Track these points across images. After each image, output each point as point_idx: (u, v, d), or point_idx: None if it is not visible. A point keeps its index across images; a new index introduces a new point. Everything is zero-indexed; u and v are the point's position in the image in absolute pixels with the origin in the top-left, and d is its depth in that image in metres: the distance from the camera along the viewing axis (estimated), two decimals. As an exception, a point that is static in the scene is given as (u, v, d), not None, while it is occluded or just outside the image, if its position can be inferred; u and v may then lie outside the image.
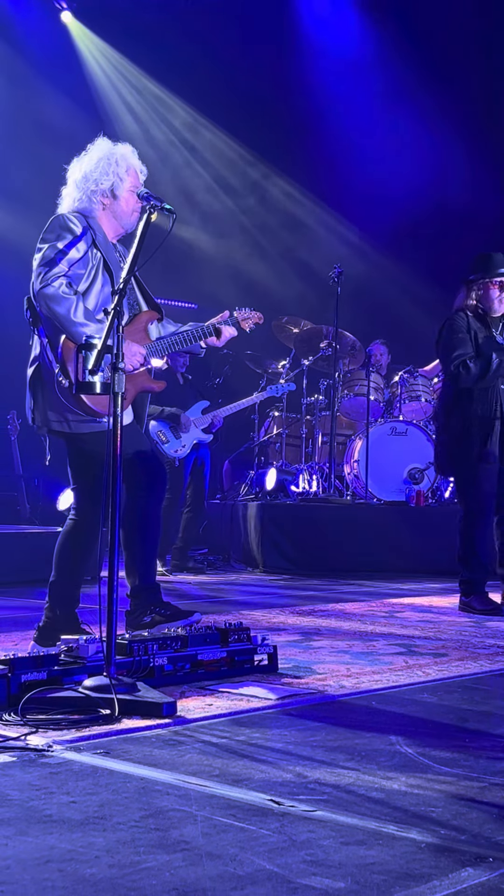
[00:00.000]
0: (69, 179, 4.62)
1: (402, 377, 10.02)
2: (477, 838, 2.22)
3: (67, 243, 4.35)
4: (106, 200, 4.54)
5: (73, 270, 4.35)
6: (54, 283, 4.27)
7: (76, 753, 2.84)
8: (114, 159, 4.54)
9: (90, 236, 4.43)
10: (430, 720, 3.33)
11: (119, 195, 4.54)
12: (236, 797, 2.47)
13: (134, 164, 4.58)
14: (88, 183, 4.52)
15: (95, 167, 4.53)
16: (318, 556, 8.99)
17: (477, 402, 6.08)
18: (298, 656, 4.45)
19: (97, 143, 4.63)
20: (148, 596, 4.50)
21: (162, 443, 8.36)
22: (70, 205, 4.56)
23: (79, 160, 4.62)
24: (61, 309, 4.25)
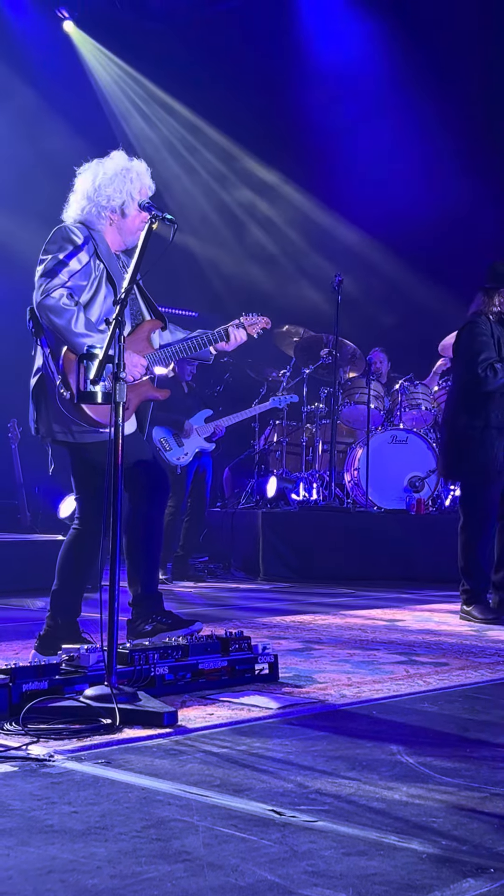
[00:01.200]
0: (78, 187, 4.59)
1: (402, 385, 10.03)
2: (478, 849, 2.22)
3: (69, 254, 4.36)
4: (114, 216, 4.55)
5: (75, 281, 4.35)
6: (54, 294, 4.28)
7: (77, 763, 2.84)
8: (129, 177, 4.52)
9: (93, 247, 4.43)
10: (431, 730, 3.33)
11: (128, 214, 4.54)
12: (237, 807, 2.47)
13: (146, 184, 4.58)
14: (100, 197, 4.51)
15: (109, 182, 4.51)
16: (319, 564, 8.99)
17: (494, 408, 6.08)
18: (299, 665, 4.45)
19: (114, 156, 4.60)
20: (150, 604, 4.50)
21: (165, 450, 8.36)
22: (76, 213, 4.56)
23: (90, 169, 4.59)
24: (61, 320, 4.26)
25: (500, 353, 6.04)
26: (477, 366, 6.02)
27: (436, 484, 9.60)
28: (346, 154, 12.41)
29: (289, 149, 13.10)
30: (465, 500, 6.31)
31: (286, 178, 13.27)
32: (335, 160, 12.56)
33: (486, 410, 6.08)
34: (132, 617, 4.51)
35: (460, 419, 6.22)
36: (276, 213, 13.46)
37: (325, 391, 10.19)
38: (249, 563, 9.27)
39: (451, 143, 11.80)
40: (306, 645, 5.06)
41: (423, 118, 12.04)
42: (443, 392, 10.16)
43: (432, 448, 9.60)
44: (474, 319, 6.18)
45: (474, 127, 11.79)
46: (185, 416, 8.56)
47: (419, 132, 12.09)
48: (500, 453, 6.06)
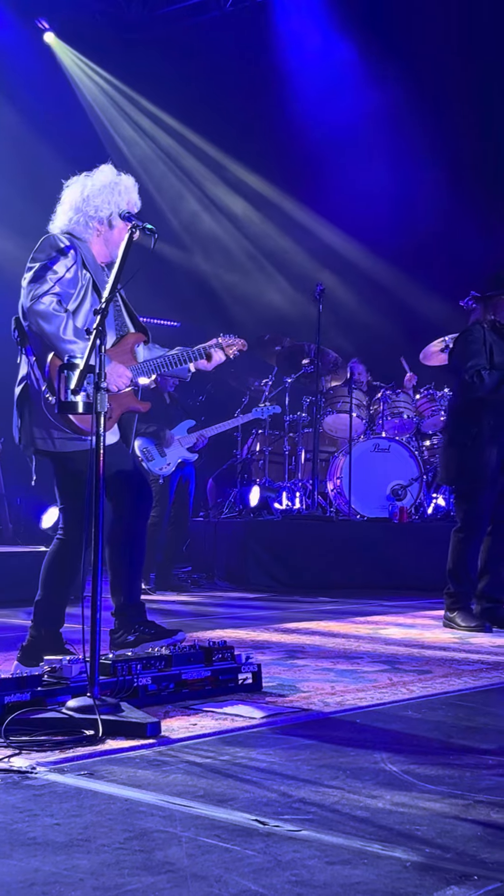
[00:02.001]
0: (66, 198, 4.62)
1: (384, 394, 10.05)
2: (462, 856, 2.22)
3: (57, 262, 4.37)
4: (101, 228, 4.57)
5: (63, 289, 4.37)
6: (44, 301, 4.29)
7: (60, 775, 2.83)
8: (117, 190, 4.56)
9: (79, 257, 4.45)
10: (415, 737, 3.33)
11: (115, 225, 4.57)
12: (221, 817, 2.47)
13: (133, 199, 4.61)
14: (88, 207, 4.54)
15: (98, 193, 4.54)
16: (302, 573, 8.99)
17: (488, 413, 6.11)
18: (283, 674, 4.44)
19: (103, 169, 4.64)
20: (132, 614, 4.49)
21: (147, 460, 8.35)
22: (63, 223, 4.58)
23: (79, 181, 4.62)
24: (51, 327, 4.27)
25: (491, 360, 6.07)
26: (465, 372, 6.06)
27: (418, 492, 9.62)
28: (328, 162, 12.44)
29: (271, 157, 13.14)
30: (459, 505, 6.34)
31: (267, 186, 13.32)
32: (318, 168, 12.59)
33: (480, 417, 6.11)
34: (115, 627, 4.50)
35: (455, 426, 6.27)
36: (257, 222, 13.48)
37: (308, 400, 10.20)
38: (233, 572, 9.27)
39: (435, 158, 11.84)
40: (290, 654, 5.06)
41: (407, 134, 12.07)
42: (424, 400, 10.20)
43: (414, 456, 9.62)
44: (469, 328, 6.26)
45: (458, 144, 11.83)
46: (166, 427, 8.55)
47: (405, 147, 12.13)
48: (492, 460, 6.08)
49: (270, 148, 13.13)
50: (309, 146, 12.55)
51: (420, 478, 9.60)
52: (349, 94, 12.29)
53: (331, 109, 12.35)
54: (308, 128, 12.52)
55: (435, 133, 11.85)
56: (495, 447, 6.08)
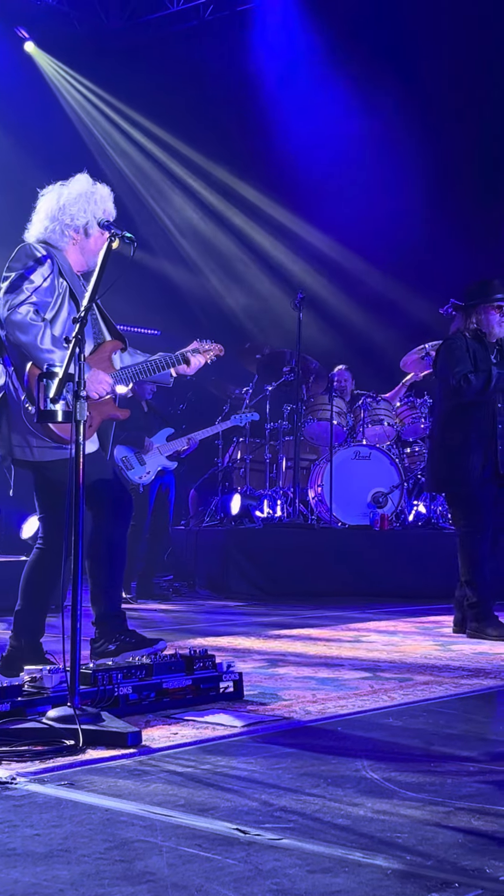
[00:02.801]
0: (41, 207, 4.61)
1: (364, 401, 10.06)
2: (443, 864, 2.22)
3: (33, 271, 4.36)
4: (77, 236, 4.56)
5: (40, 298, 4.36)
6: (21, 311, 4.28)
7: (40, 785, 2.81)
8: (93, 199, 4.56)
9: (56, 265, 4.45)
10: (396, 745, 3.33)
11: (91, 234, 4.56)
12: (202, 827, 2.46)
13: (109, 208, 4.61)
14: (64, 216, 4.53)
15: (74, 202, 4.54)
16: (284, 581, 8.98)
17: (475, 419, 6.13)
18: (264, 683, 4.44)
19: (78, 178, 4.64)
20: (113, 623, 4.48)
21: (127, 469, 8.34)
22: (39, 232, 4.57)
23: (55, 190, 4.62)
24: (28, 336, 4.26)
25: (476, 366, 6.11)
26: (453, 377, 6.09)
27: (399, 499, 9.64)
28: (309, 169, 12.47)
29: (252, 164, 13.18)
30: (455, 513, 6.35)
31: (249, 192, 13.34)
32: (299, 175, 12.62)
33: (466, 423, 6.13)
34: (95, 636, 4.49)
35: (442, 432, 6.29)
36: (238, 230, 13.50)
37: (288, 408, 10.21)
38: (214, 581, 9.26)
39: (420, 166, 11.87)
40: (271, 662, 5.05)
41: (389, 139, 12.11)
42: (405, 408, 10.22)
43: (395, 464, 9.64)
44: (450, 336, 6.30)
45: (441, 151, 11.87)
46: (145, 435, 8.54)
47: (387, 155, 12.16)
48: (479, 464, 6.09)
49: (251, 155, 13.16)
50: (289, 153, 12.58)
51: (401, 485, 9.62)
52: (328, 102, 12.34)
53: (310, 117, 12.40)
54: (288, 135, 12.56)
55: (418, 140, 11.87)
56: (481, 452, 6.10)
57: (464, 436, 6.12)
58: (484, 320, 6.23)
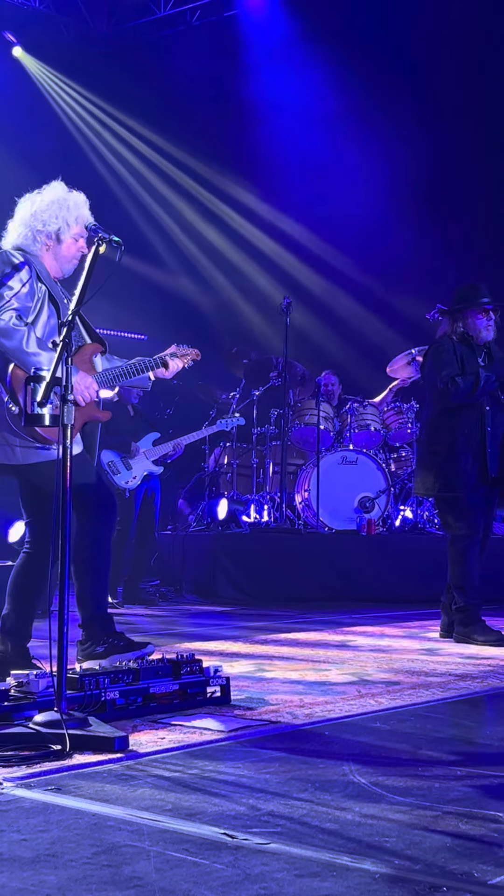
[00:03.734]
0: (17, 214, 4.64)
1: (350, 406, 10.07)
2: (431, 868, 2.22)
3: (12, 278, 4.37)
4: (49, 242, 4.57)
5: (21, 303, 4.36)
6: (3, 317, 4.28)
7: (27, 790, 2.80)
8: (66, 205, 4.57)
9: (34, 270, 4.46)
10: (384, 749, 3.33)
11: (63, 240, 4.57)
12: (189, 831, 2.45)
13: (83, 215, 4.61)
14: (36, 222, 4.55)
15: (46, 209, 4.55)
16: (271, 585, 8.98)
17: (463, 422, 6.13)
18: (251, 687, 4.43)
19: (53, 185, 4.65)
20: (101, 625, 4.47)
21: (113, 474, 8.33)
22: (14, 239, 4.60)
23: (31, 197, 4.64)
24: (12, 342, 4.26)
25: (463, 370, 6.12)
26: (440, 381, 6.10)
27: (386, 504, 9.65)
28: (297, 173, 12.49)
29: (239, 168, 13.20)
30: (444, 516, 6.34)
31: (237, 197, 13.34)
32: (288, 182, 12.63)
33: (453, 426, 6.14)
34: (83, 638, 4.47)
35: (430, 436, 6.30)
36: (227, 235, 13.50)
37: (275, 413, 10.22)
38: (201, 585, 9.25)
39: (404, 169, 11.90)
40: (258, 667, 5.05)
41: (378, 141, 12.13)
42: (392, 413, 10.23)
43: (382, 468, 9.65)
44: (438, 341, 6.30)
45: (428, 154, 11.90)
46: (131, 439, 8.53)
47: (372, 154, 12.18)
48: (468, 467, 6.09)
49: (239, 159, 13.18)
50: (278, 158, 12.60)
51: (387, 490, 9.63)
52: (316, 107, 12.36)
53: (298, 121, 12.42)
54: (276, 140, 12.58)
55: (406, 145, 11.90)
56: (469, 455, 6.11)
57: (451, 439, 6.13)
58: (471, 324, 6.25)
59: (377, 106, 11.96)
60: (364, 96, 11.98)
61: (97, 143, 13.48)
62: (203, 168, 13.36)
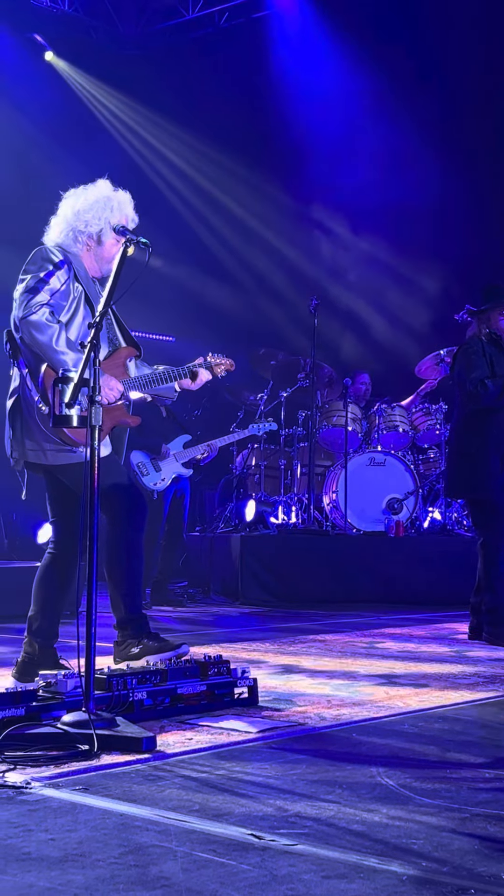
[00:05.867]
0: (60, 211, 4.62)
1: (378, 407, 10.05)
2: (458, 870, 2.21)
3: (49, 273, 4.37)
4: (91, 243, 4.56)
5: (56, 301, 4.37)
6: (37, 312, 4.28)
7: (55, 790, 2.81)
8: (109, 206, 4.55)
9: (71, 269, 4.45)
10: (412, 751, 3.32)
11: (104, 241, 4.56)
12: (216, 832, 2.45)
13: (127, 214, 4.59)
14: (78, 222, 4.54)
15: (90, 208, 4.54)
16: (298, 587, 8.97)
17: (493, 424, 6.11)
18: (279, 689, 4.43)
19: (98, 183, 4.63)
20: (136, 626, 4.47)
21: (142, 475, 8.34)
22: (55, 237, 4.58)
23: (75, 194, 4.61)
24: (44, 337, 4.26)
25: (493, 371, 6.09)
26: (470, 383, 6.07)
27: (414, 506, 9.61)
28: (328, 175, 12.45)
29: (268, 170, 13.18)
30: (476, 518, 6.31)
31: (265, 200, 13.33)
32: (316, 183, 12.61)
33: (484, 428, 6.11)
34: (118, 639, 4.48)
35: (460, 438, 6.27)
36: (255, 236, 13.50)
37: (303, 414, 10.20)
38: (229, 587, 9.25)
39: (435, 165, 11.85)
40: (286, 668, 5.04)
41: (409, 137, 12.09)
42: (420, 414, 10.20)
43: (410, 470, 9.62)
44: (468, 341, 6.27)
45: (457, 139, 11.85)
46: (162, 441, 8.54)
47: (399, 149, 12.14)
48: (496, 469, 6.06)
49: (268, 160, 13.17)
50: (309, 158, 12.57)
51: (416, 491, 9.60)
52: (347, 105, 12.34)
53: (329, 121, 12.39)
54: (307, 140, 12.56)
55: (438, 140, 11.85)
56: (499, 457, 6.08)
57: (481, 441, 6.10)
58: (497, 324, 6.22)
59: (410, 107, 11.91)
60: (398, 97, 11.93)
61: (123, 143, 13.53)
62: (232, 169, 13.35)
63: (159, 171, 13.58)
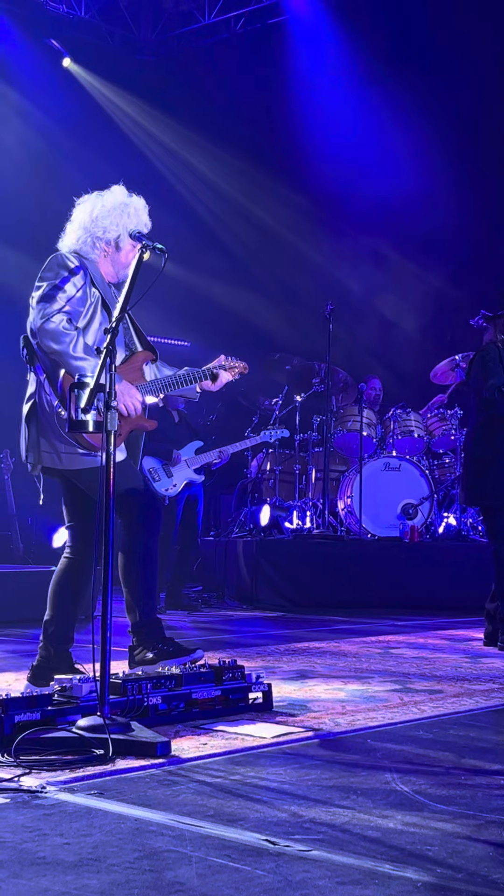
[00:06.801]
0: (76, 217, 4.62)
1: (394, 413, 10.04)
2: (473, 877, 2.20)
3: (65, 280, 4.38)
4: (108, 249, 4.57)
5: (73, 307, 4.38)
6: (54, 319, 4.30)
7: (70, 794, 2.82)
8: (126, 212, 4.56)
9: (88, 275, 4.47)
10: (426, 757, 3.31)
11: (122, 247, 4.57)
12: (231, 837, 2.46)
13: (143, 220, 4.61)
14: (96, 228, 4.55)
15: (107, 214, 4.55)
16: (313, 592, 8.97)
17: None
18: (293, 694, 4.43)
19: (114, 189, 4.64)
20: (150, 631, 4.48)
21: (154, 481, 8.35)
22: (72, 243, 4.59)
23: (90, 200, 4.62)
24: (61, 345, 4.28)
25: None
26: (486, 390, 6.06)
27: (429, 511, 9.60)
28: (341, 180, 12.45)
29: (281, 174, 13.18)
30: (490, 525, 6.30)
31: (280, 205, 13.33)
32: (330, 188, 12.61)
33: (499, 435, 6.10)
34: (133, 644, 4.49)
35: (475, 445, 6.26)
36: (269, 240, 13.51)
37: (318, 419, 10.20)
38: (243, 592, 9.25)
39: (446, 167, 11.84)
40: (300, 673, 5.04)
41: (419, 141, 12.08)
42: (435, 419, 10.18)
43: (425, 475, 9.60)
44: (484, 348, 6.25)
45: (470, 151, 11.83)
46: (174, 446, 8.54)
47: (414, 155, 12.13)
48: None
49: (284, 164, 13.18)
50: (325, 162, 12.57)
51: (431, 497, 9.58)
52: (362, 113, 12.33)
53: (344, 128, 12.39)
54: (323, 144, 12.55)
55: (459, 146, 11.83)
56: None
57: (497, 448, 6.09)
58: None
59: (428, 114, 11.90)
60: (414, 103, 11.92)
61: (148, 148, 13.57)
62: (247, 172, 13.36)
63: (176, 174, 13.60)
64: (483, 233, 11.70)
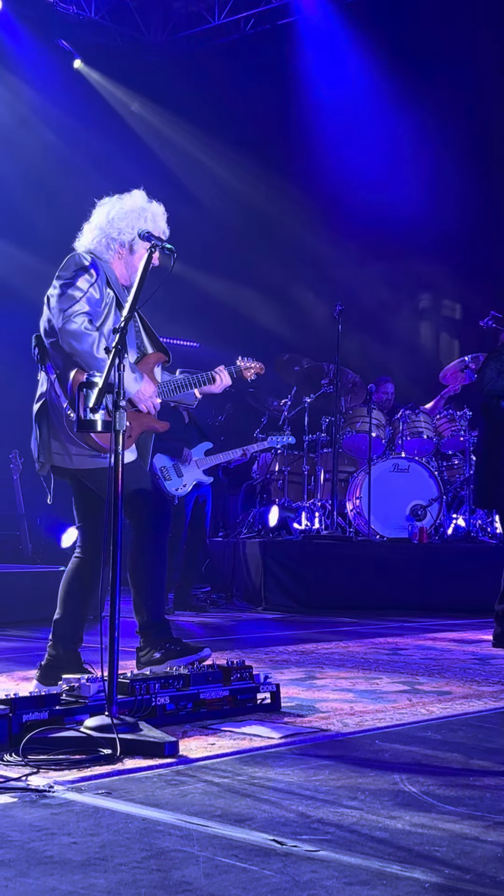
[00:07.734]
0: (94, 218, 4.65)
1: (403, 413, 10.03)
2: (481, 878, 2.20)
3: (84, 281, 4.40)
4: (122, 251, 4.59)
5: (92, 307, 4.39)
6: (76, 320, 4.31)
7: (77, 794, 2.82)
8: (143, 216, 4.58)
9: (104, 275, 4.48)
10: (435, 758, 3.31)
11: (136, 251, 4.58)
12: (239, 837, 2.45)
13: (160, 226, 4.62)
14: (111, 230, 4.57)
15: (123, 217, 4.57)
16: (321, 593, 8.96)
17: None
18: (301, 694, 4.42)
19: (134, 194, 4.66)
20: (158, 632, 4.49)
21: (164, 480, 8.35)
22: (87, 243, 4.61)
23: (109, 202, 4.64)
24: (84, 345, 4.29)
25: None
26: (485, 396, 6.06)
27: (438, 512, 9.58)
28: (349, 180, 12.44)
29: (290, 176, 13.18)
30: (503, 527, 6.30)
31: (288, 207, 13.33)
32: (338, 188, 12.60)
33: None
34: (140, 645, 4.49)
35: (487, 447, 6.25)
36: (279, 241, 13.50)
37: (327, 420, 10.19)
38: (252, 592, 9.25)
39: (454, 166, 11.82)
40: (308, 674, 5.04)
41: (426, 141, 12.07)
42: (444, 420, 10.17)
43: (434, 476, 9.59)
44: (498, 348, 6.24)
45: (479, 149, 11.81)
46: (184, 445, 8.54)
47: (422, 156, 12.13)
48: None
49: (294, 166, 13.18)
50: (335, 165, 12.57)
51: (440, 498, 9.57)
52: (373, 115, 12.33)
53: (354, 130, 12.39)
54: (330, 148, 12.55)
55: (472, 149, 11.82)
56: None
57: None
58: None
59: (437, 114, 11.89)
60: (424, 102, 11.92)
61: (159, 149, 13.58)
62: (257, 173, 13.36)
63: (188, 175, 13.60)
64: (495, 233, 11.67)
